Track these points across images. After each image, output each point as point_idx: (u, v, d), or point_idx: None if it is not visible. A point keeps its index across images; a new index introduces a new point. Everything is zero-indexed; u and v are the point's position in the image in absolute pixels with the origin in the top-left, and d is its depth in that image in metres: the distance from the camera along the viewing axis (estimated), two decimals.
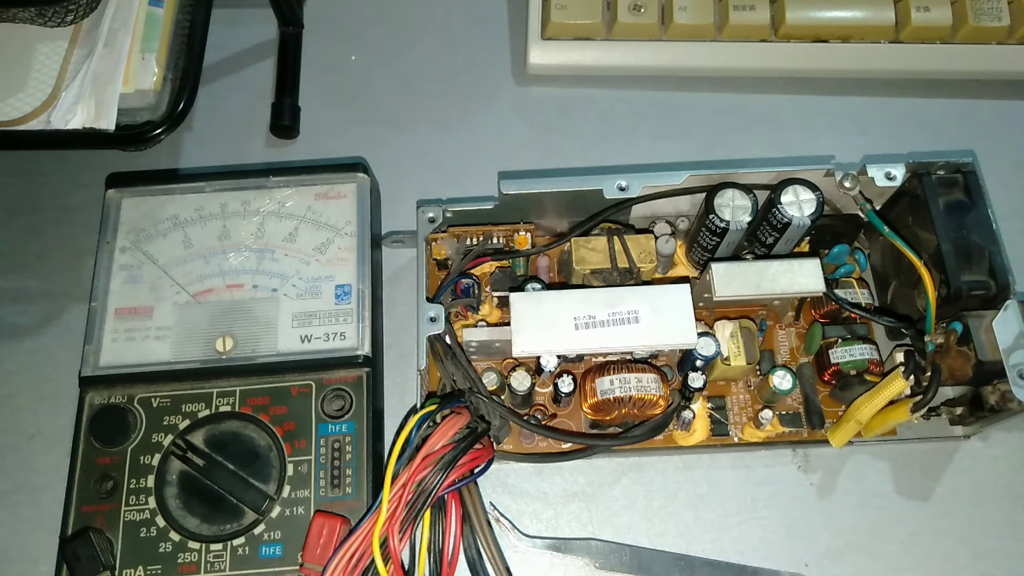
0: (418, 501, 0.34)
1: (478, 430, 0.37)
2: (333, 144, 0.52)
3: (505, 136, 0.53)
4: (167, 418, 0.40)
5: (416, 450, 0.35)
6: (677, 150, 0.52)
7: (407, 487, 0.34)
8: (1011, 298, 0.39)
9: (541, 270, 0.45)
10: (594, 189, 0.42)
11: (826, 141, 0.52)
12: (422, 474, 0.34)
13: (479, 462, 0.37)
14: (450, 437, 0.36)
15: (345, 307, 0.43)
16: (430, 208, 0.43)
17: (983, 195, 0.41)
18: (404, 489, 0.34)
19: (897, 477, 0.43)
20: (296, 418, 0.41)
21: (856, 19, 0.52)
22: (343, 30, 0.56)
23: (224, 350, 0.42)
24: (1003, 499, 0.43)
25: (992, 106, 0.53)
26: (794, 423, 0.43)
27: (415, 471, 0.34)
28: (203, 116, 0.53)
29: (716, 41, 0.53)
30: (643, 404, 0.39)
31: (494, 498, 0.42)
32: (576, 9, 0.52)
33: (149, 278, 0.43)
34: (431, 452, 0.35)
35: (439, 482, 0.34)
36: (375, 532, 0.34)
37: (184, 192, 0.46)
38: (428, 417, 0.36)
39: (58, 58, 0.45)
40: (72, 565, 0.37)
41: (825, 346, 0.42)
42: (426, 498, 0.34)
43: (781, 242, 0.41)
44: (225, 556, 0.38)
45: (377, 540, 0.33)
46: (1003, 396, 0.39)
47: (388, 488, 0.34)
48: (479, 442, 0.36)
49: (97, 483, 0.39)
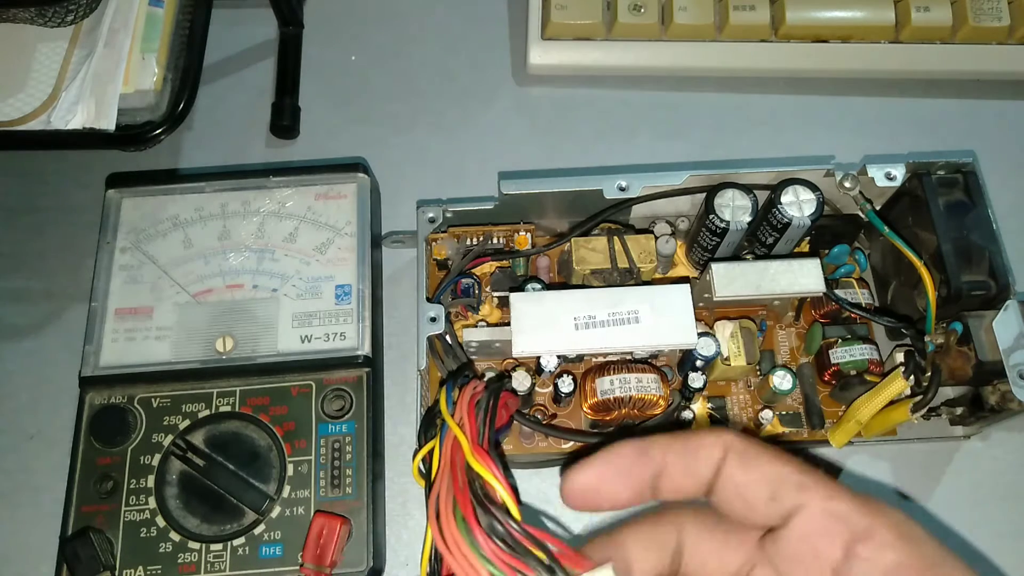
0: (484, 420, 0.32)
1: (498, 380, 0.36)
2: (333, 144, 0.52)
3: (505, 136, 0.53)
4: (167, 418, 0.40)
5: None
6: (677, 150, 0.52)
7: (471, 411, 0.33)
8: (1011, 298, 0.39)
9: (541, 270, 0.45)
10: (594, 189, 0.42)
11: (826, 141, 0.52)
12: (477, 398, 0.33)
13: (510, 411, 0.37)
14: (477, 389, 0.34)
15: (345, 307, 0.43)
16: (430, 208, 0.43)
17: (983, 195, 0.41)
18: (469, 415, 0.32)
19: (897, 477, 0.43)
20: (296, 418, 0.41)
21: (856, 19, 0.52)
22: (343, 30, 0.56)
23: (224, 350, 0.42)
24: (1003, 499, 0.43)
25: (992, 106, 0.53)
26: (794, 423, 0.43)
27: (470, 402, 0.33)
28: (203, 116, 0.53)
29: (716, 41, 0.53)
30: (643, 404, 0.39)
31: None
32: (576, 9, 0.52)
33: (149, 278, 0.43)
34: (474, 393, 0.34)
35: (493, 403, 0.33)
36: (466, 451, 0.30)
37: (184, 192, 0.46)
38: (453, 385, 0.35)
39: (58, 58, 0.45)
40: (72, 565, 0.37)
41: (825, 346, 0.42)
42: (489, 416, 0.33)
43: (781, 242, 0.41)
44: (225, 556, 0.38)
45: (470, 455, 0.30)
46: (1003, 396, 0.39)
47: (451, 420, 0.32)
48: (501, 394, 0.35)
49: (97, 483, 0.39)
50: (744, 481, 0.25)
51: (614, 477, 0.25)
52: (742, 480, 0.25)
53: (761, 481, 0.24)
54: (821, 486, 0.24)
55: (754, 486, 0.24)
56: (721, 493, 0.25)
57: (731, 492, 0.25)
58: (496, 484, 0.28)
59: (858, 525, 0.23)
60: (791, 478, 0.24)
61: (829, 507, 0.24)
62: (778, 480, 0.24)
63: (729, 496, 0.25)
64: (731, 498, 0.25)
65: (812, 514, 0.24)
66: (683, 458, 0.25)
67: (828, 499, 0.24)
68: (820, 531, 0.23)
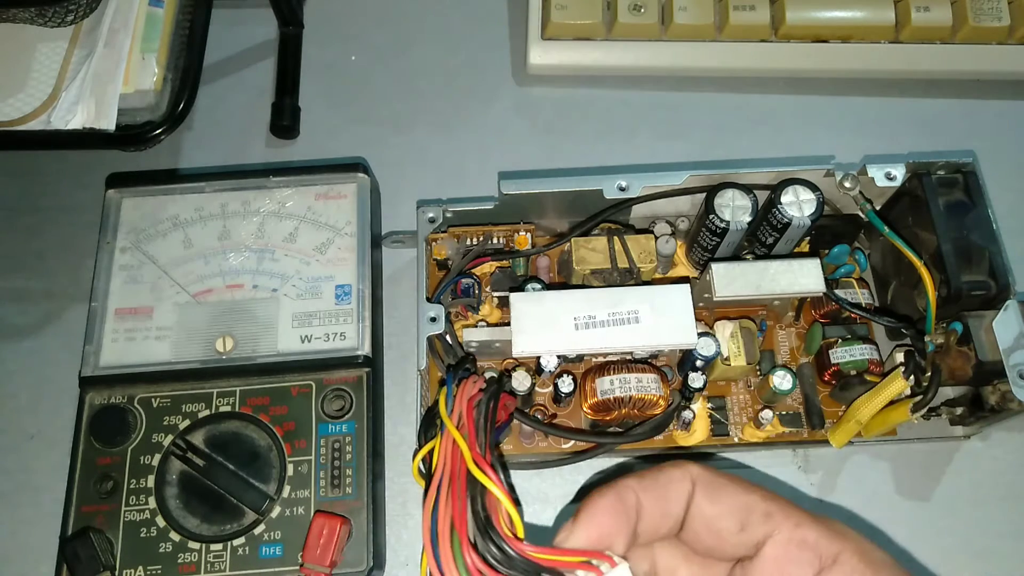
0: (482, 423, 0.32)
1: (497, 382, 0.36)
2: (333, 144, 0.52)
3: (505, 136, 0.53)
4: (167, 418, 0.40)
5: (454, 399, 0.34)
6: (677, 150, 0.52)
7: (469, 413, 0.32)
8: (1011, 298, 0.39)
9: (541, 270, 0.45)
10: (594, 189, 0.42)
11: (826, 141, 0.52)
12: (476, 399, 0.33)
13: (508, 411, 0.37)
14: (478, 387, 0.34)
15: (345, 307, 0.43)
16: (430, 208, 0.43)
17: (983, 195, 0.41)
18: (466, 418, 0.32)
19: (897, 477, 0.43)
20: (296, 418, 0.41)
21: (856, 19, 0.52)
22: (343, 30, 0.56)
23: (224, 350, 0.42)
24: (1003, 499, 0.43)
25: (992, 106, 0.53)
26: (794, 423, 0.43)
27: (469, 400, 0.33)
28: (203, 116, 0.53)
29: (716, 41, 0.53)
30: (643, 404, 0.39)
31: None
32: (576, 9, 0.52)
33: (149, 278, 0.43)
34: (471, 395, 0.33)
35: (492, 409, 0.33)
36: (467, 458, 0.30)
37: (184, 192, 0.46)
38: (452, 379, 0.35)
39: (58, 58, 0.45)
40: (72, 565, 0.37)
41: (825, 346, 0.42)
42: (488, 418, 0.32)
43: (781, 242, 0.41)
44: (225, 556, 0.38)
45: (471, 462, 0.30)
46: (1003, 396, 0.39)
47: (451, 422, 0.32)
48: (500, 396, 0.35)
49: (97, 483, 0.39)
50: (713, 514, 0.25)
51: (599, 540, 0.25)
52: (711, 513, 0.25)
53: (730, 512, 0.25)
54: (788, 514, 0.25)
55: (723, 518, 0.25)
56: (692, 527, 0.26)
57: (701, 525, 0.26)
58: (499, 494, 0.28)
59: (826, 551, 0.24)
60: (758, 507, 0.25)
61: (797, 535, 0.24)
62: (746, 510, 0.25)
63: (699, 529, 0.26)
64: (702, 531, 0.26)
65: (781, 543, 0.24)
66: (656, 499, 0.25)
67: (796, 527, 0.24)
68: (790, 559, 0.24)
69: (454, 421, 0.32)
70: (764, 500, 0.25)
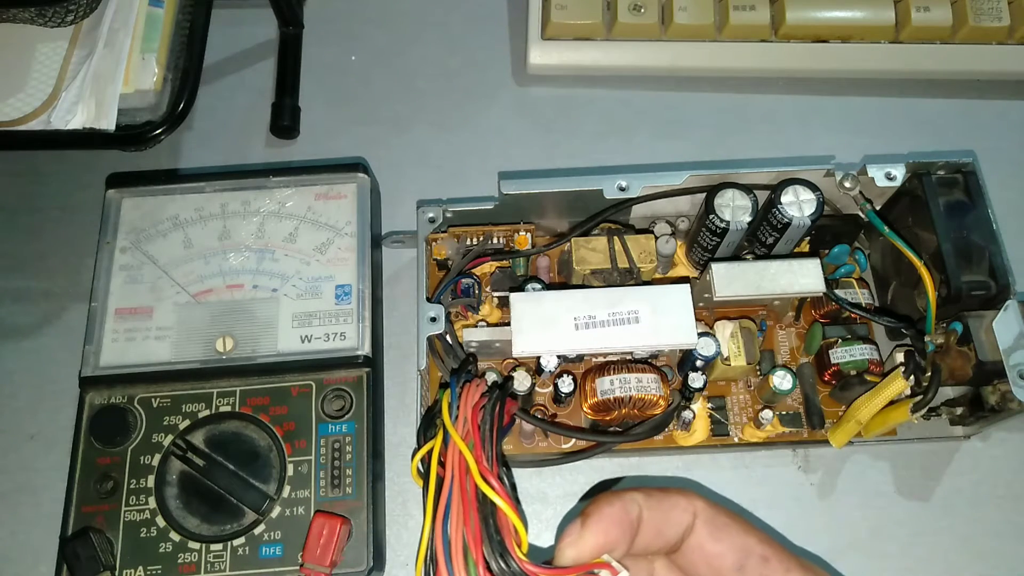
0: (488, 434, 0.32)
1: (500, 387, 0.36)
2: (333, 144, 0.52)
3: (505, 136, 0.53)
4: (167, 418, 0.40)
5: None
6: (677, 150, 0.52)
7: (473, 420, 0.33)
8: (1011, 298, 0.39)
9: (541, 270, 0.45)
10: (594, 189, 0.42)
11: (826, 141, 0.52)
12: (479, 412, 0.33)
13: (510, 413, 0.37)
14: (479, 393, 0.34)
15: (345, 307, 0.43)
16: (430, 208, 0.43)
17: (983, 195, 0.41)
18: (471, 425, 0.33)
19: (897, 477, 0.43)
20: (296, 418, 0.41)
21: (856, 19, 0.52)
22: (343, 30, 0.56)
23: (224, 350, 0.42)
24: (1003, 499, 0.43)
25: (992, 106, 0.53)
26: (794, 423, 0.43)
27: (473, 409, 0.33)
28: (203, 116, 0.53)
29: (716, 41, 0.53)
30: (643, 404, 0.39)
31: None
32: (576, 9, 0.52)
33: (149, 278, 0.43)
34: (474, 404, 0.34)
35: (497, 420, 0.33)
36: (475, 474, 0.30)
37: (184, 192, 0.46)
38: (455, 382, 0.35)
39: (58, 58, 0.45)
40: (72, 565, 0.37)
41: (825, 346, 0.42)
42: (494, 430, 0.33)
43: (781, 242, 0.41)
44: (225, 556, 0.38)
45: (480, 478, 0.30)
46: (1003, 396, 0.39)
47: (456, 433, 0.32)
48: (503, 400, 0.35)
49: (97, 483, 0.39)
50: (715, 552, 0.27)
51: (604, 547, 0.26)
52: (713, 551, 0.27)
53: (730, 551, 0.27)
54: (780, 559, 0.27)
55: (724, 557, 0.27)
56: (689, 557, 0.27)
57: (699, 558, 0.27)
58: (507, 510, 0.29)
59: None
60: (756, 550, 0.27)
61: None
62: (745, 552, 0.27)
63: (696, 561, 0.27)
64: (698, 564, 0.27)
65: None
66: (656, 519, 0.27)
67: (786, 572, 0.26)
68: None
69: (458, 428, 0.32)
70: (761, 544, 0.27)
